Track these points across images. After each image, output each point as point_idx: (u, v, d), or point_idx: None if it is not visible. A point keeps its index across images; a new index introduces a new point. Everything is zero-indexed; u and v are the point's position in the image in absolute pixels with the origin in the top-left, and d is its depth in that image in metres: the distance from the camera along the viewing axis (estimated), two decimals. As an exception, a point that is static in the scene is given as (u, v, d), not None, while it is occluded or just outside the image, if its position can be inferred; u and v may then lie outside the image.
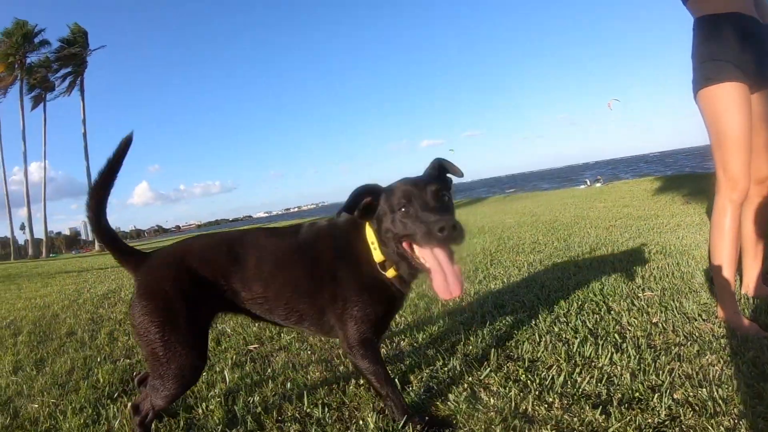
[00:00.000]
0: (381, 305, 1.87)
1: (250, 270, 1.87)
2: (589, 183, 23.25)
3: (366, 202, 1.77)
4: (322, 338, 3.00)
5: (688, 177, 16.69)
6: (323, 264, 1.88)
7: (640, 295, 3.14)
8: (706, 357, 2.09)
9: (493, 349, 2.40)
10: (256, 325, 3.56)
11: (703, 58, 2.48)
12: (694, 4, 2.59)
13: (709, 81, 2.43)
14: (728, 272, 2.47)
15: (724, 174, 2.43)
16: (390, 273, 1.83)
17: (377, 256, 1.83)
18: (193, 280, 1.81)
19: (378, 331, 1.92)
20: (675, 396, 1.81)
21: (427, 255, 1.65)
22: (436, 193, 1.67)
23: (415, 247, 1.68)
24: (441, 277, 1.62)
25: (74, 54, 38.57)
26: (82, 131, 39.87)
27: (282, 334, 3.25)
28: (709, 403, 1.72)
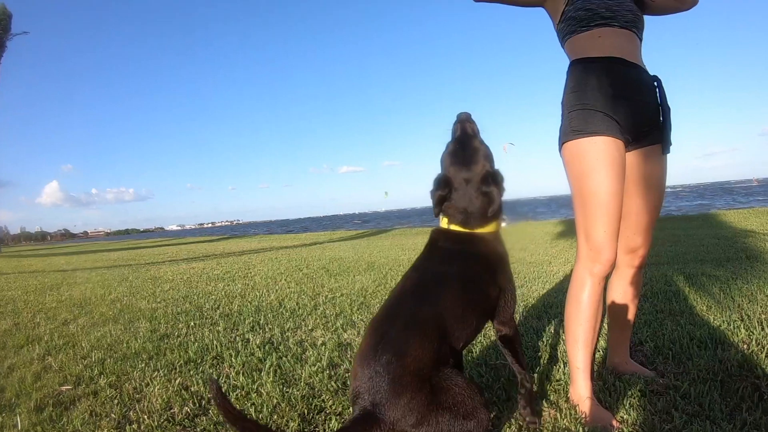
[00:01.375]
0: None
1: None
2: (495, 222, 23.35)
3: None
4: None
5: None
6: (478, 270, 1.90)
7: (490, 363, 2.80)
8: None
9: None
10: (84, 361, 3.33)
11: (572, 106, 2.16)
12: (570, 45, 2.29)
13: (576, 133, 2.11)
14: (583, 352, 2.14)
15: (586, 242, 2.11)
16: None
17: (493, 226, 1.95)
18: None
19: None
20: None
21: None
22: None
23: None
24: None
25: (-7, 35, 36.10)
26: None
27: (103, 375, 3.01)
28: None
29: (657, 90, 2.22)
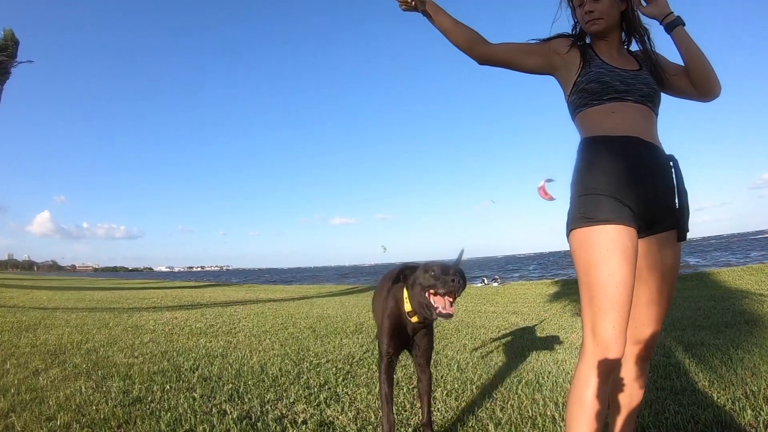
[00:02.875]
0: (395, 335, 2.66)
1: None
2: (486, 282, 23.09)
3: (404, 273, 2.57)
4: None
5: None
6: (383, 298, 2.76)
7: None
8: None
9: None
10: (49, 424, 3.12)
11: (583, 189, 2.04)
12: (581, 119, 2.18)
13: (586, 221, 1.97)
14: None
15: (593, 338, 1.92)
16: (414, 319, 2.55)
17: (407, 306, 2.54)
18: None
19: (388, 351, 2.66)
20: None
21: (438, 299, 2.31)
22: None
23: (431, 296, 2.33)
24: (442, 304, 2.29)
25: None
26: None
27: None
28: None
29: (673, 170, 2.09)
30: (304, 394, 3.73)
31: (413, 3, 2.32)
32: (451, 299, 2.30)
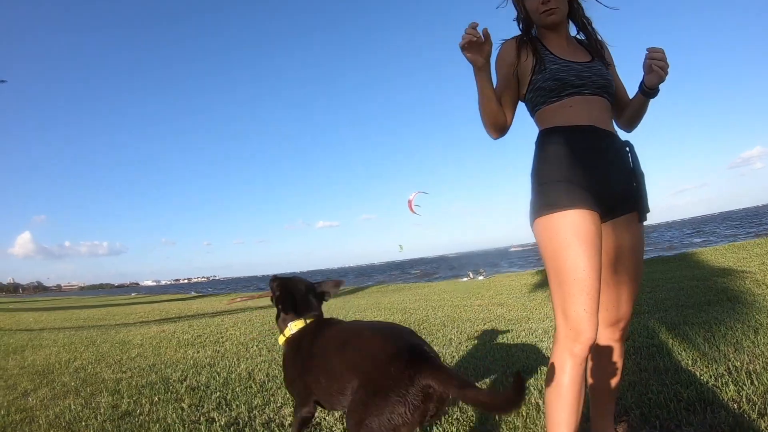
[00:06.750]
0: None
1: None
2: (471, 276, 23.21)
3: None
4: None
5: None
6: None
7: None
8: None
9: None
10: None
11: (544, 178, 2.07)
12: (540, 115, 2.21)
13: (549, 208, 1.99)
14: None
15: (565, 322, 1.95)
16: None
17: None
18: None
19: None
20: None
21: None
22: None
23: None
24: None
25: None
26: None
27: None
28: None
29: (629, 156, 2.15)
30: (290, 398, 3.70)
31: (483, 51, 2.09)
32: None
